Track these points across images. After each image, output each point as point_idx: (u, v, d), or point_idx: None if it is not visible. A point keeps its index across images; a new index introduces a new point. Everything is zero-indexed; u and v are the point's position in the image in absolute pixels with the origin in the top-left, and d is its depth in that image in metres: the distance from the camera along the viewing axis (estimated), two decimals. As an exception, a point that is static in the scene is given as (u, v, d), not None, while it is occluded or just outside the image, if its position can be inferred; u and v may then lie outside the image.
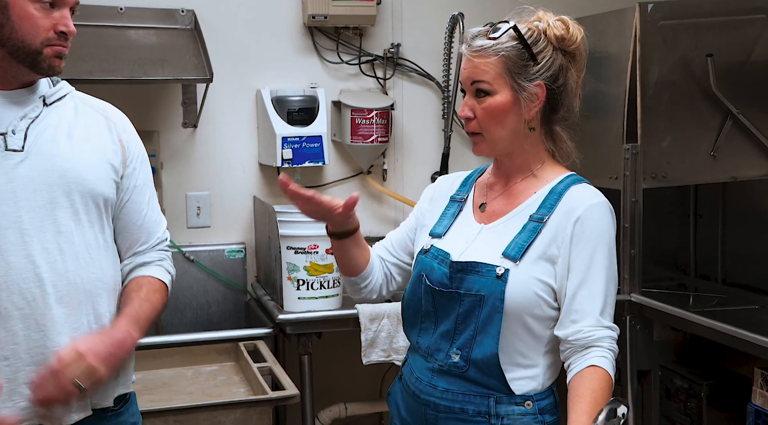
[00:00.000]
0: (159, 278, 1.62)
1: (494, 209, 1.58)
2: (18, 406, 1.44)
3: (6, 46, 1.45)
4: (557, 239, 1.48)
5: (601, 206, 1.51)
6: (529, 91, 1.48)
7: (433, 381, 1.54)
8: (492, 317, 1.47)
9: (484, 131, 1.51)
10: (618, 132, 2.69)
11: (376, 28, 3.09)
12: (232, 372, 2.41)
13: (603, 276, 1.48)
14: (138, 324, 1.54)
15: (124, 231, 1.61)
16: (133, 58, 2.69)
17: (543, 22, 1.51)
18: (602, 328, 1.47)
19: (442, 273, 1.54)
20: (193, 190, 2.99)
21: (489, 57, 1.48)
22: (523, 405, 1.49)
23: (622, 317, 2.68)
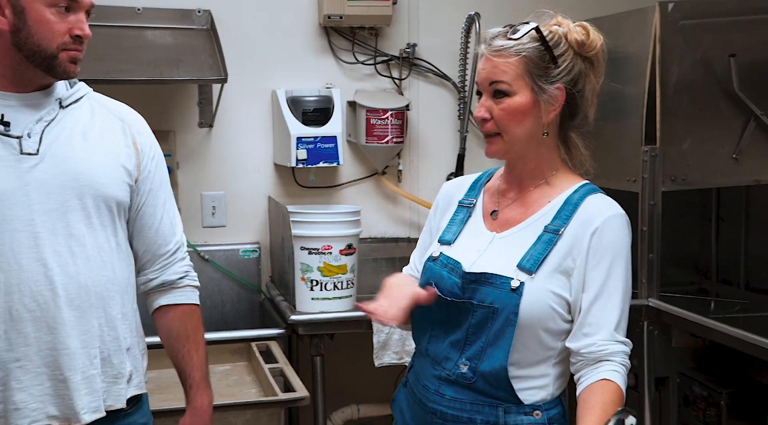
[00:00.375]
0: (195, 304, 1.68)
1: (507, 217, 1.54)
2: (29, 407, 1.45)
3: (23, 50, 1.45)
4: (573, 252, 1.45)
5: (619, 219, 1.48)
6: (549, 94, 1.46)
7: (441, 389, 1.51)
8: (504, 330, 1.44)
9: (502, 131, 1.48)
10: (636, 134, 2.66)
11: (391, 28, 3.07)
12: (245, 372, 2.41)
13: (619, 290, 1.45)
14: (208, 382, 1.68)
15: (140, 234, 1.62)
16: (149, 58, 2.70)
17: (563, 26, 1.49)
18: (616, 343, 1.44)
19: (452, 283, 1.50)
20: (208, 189, 2.99)
21: (509, 57, 1.45)
22: (532, 414, 1.46)
23: (639, 322, 2.64)
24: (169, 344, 1.66)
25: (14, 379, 1.44)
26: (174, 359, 1.66)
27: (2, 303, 1.43)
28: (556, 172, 1.53)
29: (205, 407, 1.65)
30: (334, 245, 2.59)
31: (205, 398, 1.65)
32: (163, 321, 1.65)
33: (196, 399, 1.64)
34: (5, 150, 1.45)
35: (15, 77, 1.48)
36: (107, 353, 1.52)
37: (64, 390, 1.47)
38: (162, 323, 1.66)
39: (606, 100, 2.84)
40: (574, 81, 1.48)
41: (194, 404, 1.64)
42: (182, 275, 1.66)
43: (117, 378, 1.54)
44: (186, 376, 1.65)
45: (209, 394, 1.66)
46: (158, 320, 1.66)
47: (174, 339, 1.65)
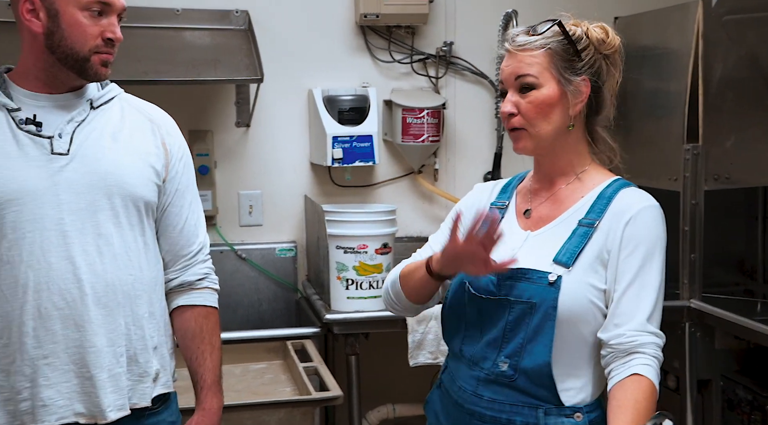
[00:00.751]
0: (212, 306, 1.68)
1: (540, 215, 1.54)
2: (56, 404, 1.47)
3: (56, 53, 1.48)
4: (607, 243, 1.45)
5: (653, 210, 1.47)
6: (575, 85, 1.47)
7: (479, 390, 1.49)
8: (543, 325, 1.43)
9: (529, 125, 1.48)
10: (678, 132, 2.61)
11: (428, 26, 3.06)
12: (280, 370, 2.41)
13: (652, 281, 1.43)
14: (220, 386, 1.67)
15: (164, 234, 1.63)
16: (187, 59, 2.73)
17: (582, 26, 1.51)
18: (647, 334, 1.42)
19: (487, 280, 1.50)
20: (245, 189, 3.01)
21: (534, 50, 1.47)
22: (573, 417, 1.44)
23: (681, 323, 2.60)
24: (184, 344, 1.66)
25: (42, 376, 1.46)
26: (188, 360, 1.66)
27: (31, 301, 1.45)
28: (587, 168, 1.54)
29: (215, 410, 1.64)
30: (369, 244, 2.59)
31: (215, 401, 1.64)
32: (179, 321, 1.66)
33: (206, 401, 1.63)
34: (37, 150, 1.47)
35: (48, 79, 1.51)
36: (133, 351, 1.53)
37: (91, 388, 1.48)
38: (178, 323, 1.66)
39: (647, 98, 2.84)
40: (598, 74, 1.50)
41: (204, 406, 1.64)
42: (202, 277, 1.67)
43: (143, 376, 1.55)
44: (198, 378, 1.65)
45: (219, 398, 1.66)
46: (175, 320, 1.66)
47: (189, 340, 1.65)
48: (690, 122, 2.58)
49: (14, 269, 1.45)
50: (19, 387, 1.46)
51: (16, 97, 1.50)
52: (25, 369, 1.46)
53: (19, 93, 1.50)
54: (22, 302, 1.45)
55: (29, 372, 1.46)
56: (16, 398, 1.46)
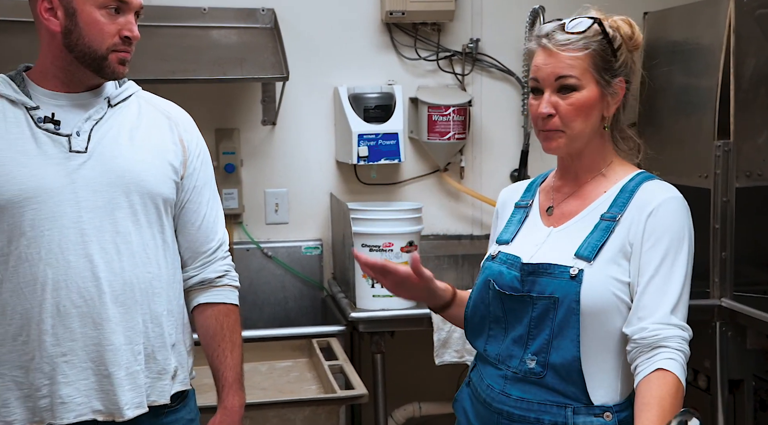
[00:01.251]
0: (233, 304, 1.67)
1: (563, 211, 1.53)
2: (74, 401, 1.48)
3: (74, 51, 1.48)
4: (630, 235, 1.43)
5: (676, 201, 1.46)
6: (613, 87, 1.47)
7: (506, 389, 1.48)
8: (568, 319, 1.41)
9: (567, 127, 1.47)
10: (709, 128, 2.58)
11: (454, 23, 3.04)
12: (305, 368, 2.42)
13: (677, 273, 1.41)
14: (241, 383, 1.65)
15: (182, 231, 1.63)
16: (213, 57, 2.74)
17: (609, 20, 1.49)
18: (671, 327, 1.39)
19: (512, 277, 1.49)
20: (271, 187, 3.02)
21: (577, 51, 1.45)
22: (602, 416, 1.42)
23: (711, 322, 2.56)
24: (205, 342, 1.66)
25: (61, 373, 1.47)
26: (209, 358, 1.65)
27: (50, 299, 1.46)
28: (611, 163, 1.53)
29: (236, 408, 1.63)
30: (395, 242, 2.58)
31: (237, 399, 1.64)
32: (200, 319, 1.66)
33: (228, 399, 1.63)
34: (55, 148, 1.48)
35: (66, 78, 1.51)
36: (151, 349, 1.53)
37: (108, 386, 1.49)
38: (199, 321, 1.66)
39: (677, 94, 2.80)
40: (629, 74, 1.50)
41: (225, 404, 1.63)
42: (222, 274, 1.66)
43: (161, 374, 1.55)
44: (219, 376, 1.64)
45: (241, 396, 1.65)
46: (196, 318, 1.66)
47: (210, 338, 1.65)
48: (721, 119, 2.54)
49: (33, 267, 1.45)
50: (38, 384, 1.47)
51: (34, 95, 1.51)
52: (44, 367, 1.46)
53: (38, 92, 1.51)
54: (40, 300, 1.46)
55: (48, 369, 1.46)
56: (36, 395, 1.47)
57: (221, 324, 1.64)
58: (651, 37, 2.96)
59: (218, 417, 1.63)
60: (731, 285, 2.57)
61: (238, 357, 1.65)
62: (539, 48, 1.48)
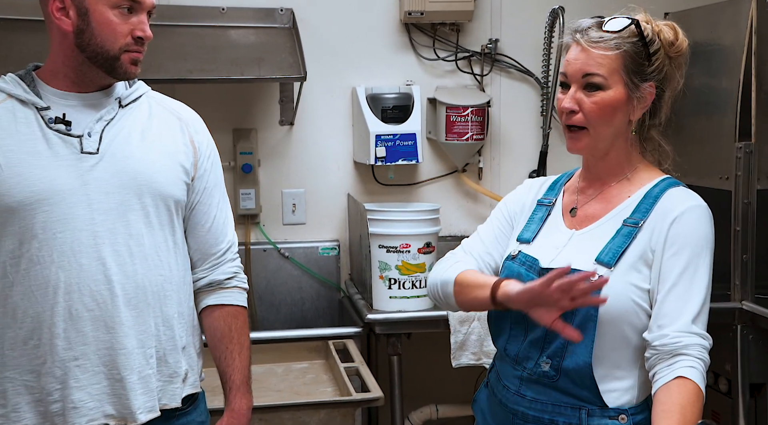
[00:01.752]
0: (241, 306, 1.66)
1: (586, 213, 1.52)
2: (86, 406, 1.46)
3: (86, 51, 1.47)
4: (652, 242, 1.42)
5: (700, 209, 1.44)
6: (641, 91, 1.45)
7: (521, 389, 1.48)
8: (585, 325, 1.40)
9: (590, 126, 1.46)
10: (730, 129, 2.55)
11: (473, 23, 3.03)
12: (321, 370, 2.41)
13: (699, 282, 1.40)
14: (249, 386, 1.64)
15: (192, 233, 1.62)
16: (231, 57, 2.74)
17: (653, 24, 1.47)
18: (692, 335, 1.38)
19: (530, 280, 1.47)
20: (289, 187, 3.02)
21: (608, 50, 1.43)
22: (617, 419, 1.42)
23: (732, 325, 2.54)
24: (213, 344, 1.64)
25: (73, 378, 1.45)
26: (216, 360, 1.64)
27: (62, 302, 1.44)
28: (637, 168, 1.51)
29: (244, 411, 1.62)
30: (412, 243, 2.57)
31: (244, 402, 1.62)
32: (208, 321, 1.64)
33: (235, 401, 1.61)
34: (66, 149, 1.46)
35: (77, 78, 1.50)
36: (163, 352, 1.52)
37: (121, 390, 1.48)
38: (207, 323, 1.65)
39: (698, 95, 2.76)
40: (663, 80, 1.47)
41: (233, 406, 1.61)
42: (230, 276, 1.65)
43: (172, 377, 1.54)
44: (226, 378, 1.63)
45: (249, 398, 1.64)
46: (204, 320, 1.65)
47: (217, 340, 1.63)
48: (742, 120, 2.52)
49: (45, 270, 1.44)
50: (49, 388, 1.45)
51: (44, 95, 1.49)
52: (56, 371, 1.45)
53: (48, 92, 1.49)
54: (52, 303, 1.44)
55: (60, 373, 1.45)
56: (47, 399, 1.46)
57: (229, 325, 1.63)
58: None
59: (225, 419, 1.62)
60: (752, 288, 2.54)
61: (246, 360, 1.64)
62: (573, 43, 1.47)
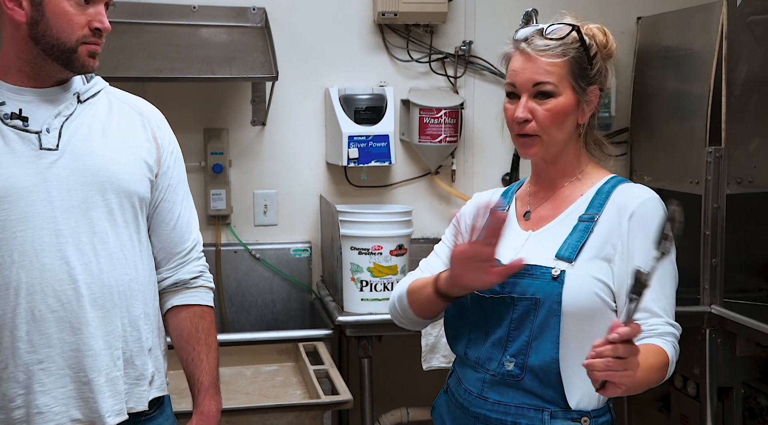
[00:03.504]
0: (208, 306, 1.63)
1: (540, 215, 1.54)
2: (52, 410, 1.42)
3: (40, 43, 1.42)
4: (612, 238, 1.44)
5: (654, 201, 1.47)
6: (588, 95, 1.48)
7: (484, 392, 1.48)
8: (549, 321, 1.41)
9: (544, 133, 1.47)
10: (700, 134, 2.57)
11: (447, 25, 3.02)
12: (291, 373, 2.39)
13: (667, 274, 1.43)
14: (218, 388, 1.61)
15: (156, 231, 1.58)
16: (202, 56, 2.71)
17: (585, 28, 1.50)
18: (667, 325, 1.43)
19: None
20: (260, 188, 2.99)
21: (556, 57, 1.45)
22: (580, 421, 1.42)
23: (702, 329, 2.56)
24: (179, 345, 1.60)
25: (37, 382, 1.40)
26: (183, 362, 1.60)
27: (24, 304, 1.40)
28: (585, 168, 1.54)
29: (213, 413, 1.59)
30: (384, 245, 2.56)
31: (213, 404, 1.59)
32: (174, 321, 1.60)
33: (204, 404, 1.58)
34: (24, 146, 1.42)
35: (32, 72, 1.45)
36: (130, 354, 1.48)
37: (88, 393, 1.43)
38: (173, 324, 1.61)
39: (669, 99, 2.79)
40: (603, 82, 1.51)
41: (201, 409, 1.58)
42: (196, 275, 1.62)
43: (139, 379, 1.50)
44: (194, 380, 1.59)
45: (218, 400, 1.60)
46: (169, 321, 1.61)
47: (184, 341, 1.59)
48: (713, 125, 2.54)
49: (5, 271, 1.39)
50: (11, 394, 1.40)
51: None
52: (19, 376, 1.40)
53: (3, 88, 1.44)
54: (14, 305, 1.39)
55: (23, 378, 1.40)
56: (9, 406, 1.41)
57: (196, 326, 1.59)
58: (644, 42, 2.95)
59: (194, 421, 1.58)
60: (721, 292, 2.57)
61: (213, 361, 1.60)
62: (516, 52, 1.49)
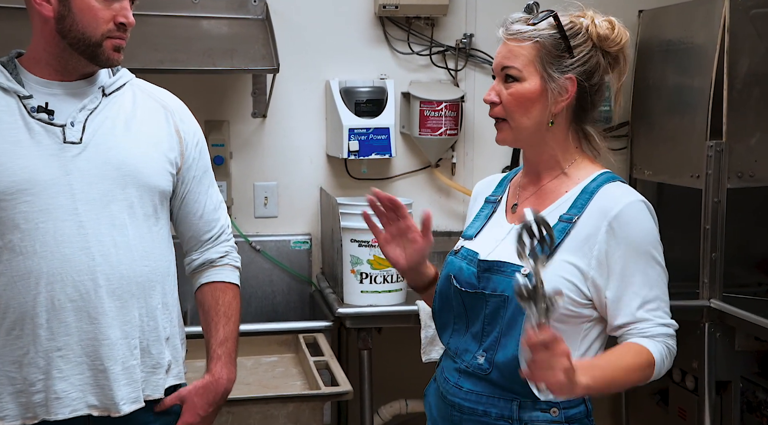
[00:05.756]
0: (231, 282, 1.66)
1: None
2: (69, 396, 1.46)
3: (67, 37, 1.46)
4: (589, 241, 1.41)
5: (638, 204, 1.43)
6: (558, 83, 1.44)
7: (459, 382, 1.50)
8: (516, 319, 1.41)
9: (509, 117, 1.47)
10: (701, 128, 2.57)
11: (448, 17, 3.02)
12: (291, 364, 2.40)
13: (652, 276, 1.41)
14: (231, 358, 1.61)
15: (184, 222, 1.63)
16: (203, 48, 2.71)
17: (587, 18, 1.47)
18: (658, 326, 1.42)
19: (470, 273, 1.49)
20: (261, 180, 2.99)
21: (523, 41, 1.44)
22: (549, 412, 1.43)
23: (700, 323, 2.56)
24: (202, 318, 1.65)
25: (56, 368, 1.45)
26: (204, 332, 1.64)
27: (44, 293, 1.44)
28: (574, 162, 1.50)
29: (222, 380, 1.60)
30: (384, 237, 2.56)
31: (224, 371, 1.60)
32: (199, 297, 1.66)
33: (215, 369, 1.60)
34: (49, 139, 1.46)
35: (59, 65, 1.49)
36: (146, 343, 1.52)
37: (104, 380, 1.47)
38: (199, 299, 1.66)
39: (671, 93, 2.78)
40: (589, 74, 1.45)
41: (213, 372, 1.60)
42: (223, 254, 1.66)
43: (156, 368, 1.53)
44: (208, 349, 1.62)
45: (230, 369, 1.61)
46: (197, 298, 1.66)
47: (205, 314, 1.64)
48: (714, 119, 2.54)
49: (27, 260, 1.43)
50: (32, 379, 1.45)
51: (27, 84, 1.48)
52: (39, 361, 1.44)
53: (31, 80, 1.49)
54: (35, 294, 1.44)
55: (43, 364, 1.44)
56: (29, 390, 1.45)
57: (216, 299, 1.63)
58: (645, 36, 2.95)
59: (202, 381, 1.59)
60: (720, 286, 2.57)
61: (231, 333, 1.62)
62: (501, 37, 1.50)
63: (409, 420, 2.98)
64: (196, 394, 1.58)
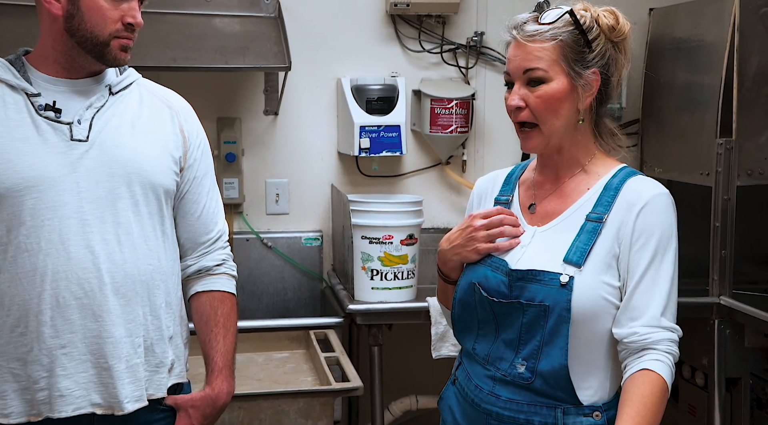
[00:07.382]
0: (228, 292, 1.66)
1: (546, 209, 1.49)
2: (73, 394, 1.46)
3: (75, 36, 1.47)
4: (619, 236, 1.41)
5: (664, 197, 1.43)
6: (585, 79, 1.42)
7: (495, 390, 1.46)
8: (559, 327, 1.39)
9: (540, 121, 1.43)
10: (711, 126, 2.57)
11: (459, 16, 3.03)
12: (302, 360, 2.42)
13: (665, 273, 1.40)
14: (231, 370, 1.62)
15: (182, 222, 1.62)
16: (216, 46, 2.73)
17: (592, 11, 1.46)
18: (661, 330, 1.39)
19: (498, 281, 1.46)
20: (272, 177, 3.01)
21: (544, 42, 1.41)
22: (592, 416, 1.42)
23: (710, 320, 2.56)
24: (199, 328, 1.64)
25: (59, 366, 1.45)
26: (201, 344, 1.64)
27: (49, 290, 1.44)
28: (592, 158, 1.49)
29: (222, 394, 1.60)
30: (395, 234, 2.58)
31: (225, 385, 1.61)
32: (195, 305, 1.65)
33: (215, 383, 1.60)
34: (56, 136, 1.46)
35: (67, 63, 1.50)
36: (150, 342, 1.52)
37: (108, 379, 1.47)
38: (194, 308, 1.65)
39: (681, 91, 2.79)
40: (607, 66, 1.45)
41: (213, 386, 1.60)
42: (219, 263, 1.66)
43: (159, 367, 1.54)
44: (209, 361, 1.62)
45: (230, 383, 1.62)
46: (192, 306, 1.65)
47: (203, 324, 1.63)
48: (724, 116, 2.54)
49: (32, 257, 1.44)
50: (36, 376, 1.45)
51: (35, 81, 1.49)
52: (43, 359, 1.44)
53: (38, 77, 1.49)
54: (39, 290, 1.44)
55: (47, 361, 1.44)
56: (33, 387, 1.45)
57: (215, 309, 1.63)
58: (656, 33, 2.95)
59: (201, 393, 1.60)
60: (731, 283, 2.57)
61: (230, 344, 1.63)
62: (512, 40, 1.46)
63: (420, 416, 3.00)
64: (192, 405, 1.58)
